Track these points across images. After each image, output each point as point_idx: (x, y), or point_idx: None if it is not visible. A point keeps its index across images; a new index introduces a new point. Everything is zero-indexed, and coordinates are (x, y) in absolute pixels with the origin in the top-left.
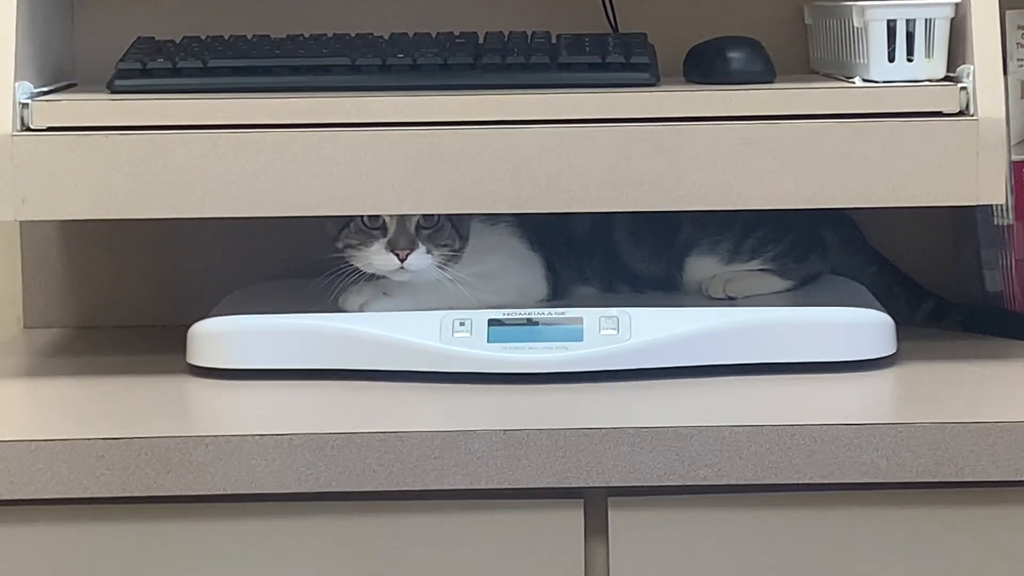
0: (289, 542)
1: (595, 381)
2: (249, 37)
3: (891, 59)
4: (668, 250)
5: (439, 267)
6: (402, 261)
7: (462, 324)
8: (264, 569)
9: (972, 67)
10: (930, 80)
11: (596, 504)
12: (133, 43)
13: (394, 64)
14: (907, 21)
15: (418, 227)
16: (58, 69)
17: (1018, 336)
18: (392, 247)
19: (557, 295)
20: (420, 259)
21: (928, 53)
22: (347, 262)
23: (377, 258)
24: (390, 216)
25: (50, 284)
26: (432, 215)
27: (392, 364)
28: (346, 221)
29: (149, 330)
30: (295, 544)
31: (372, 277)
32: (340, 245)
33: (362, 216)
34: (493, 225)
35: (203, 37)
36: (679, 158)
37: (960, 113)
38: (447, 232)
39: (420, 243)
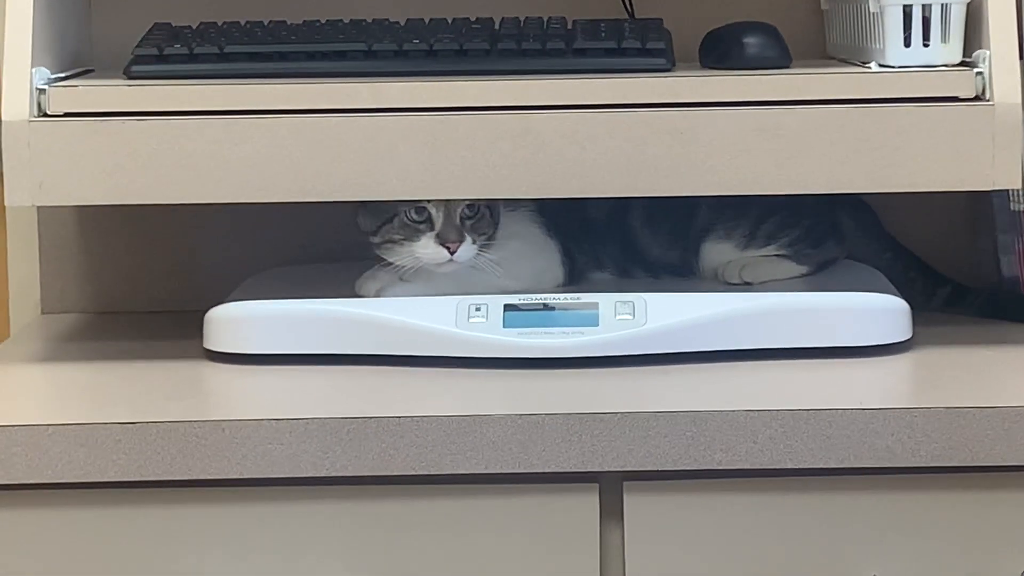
0: (305, 526)
1: (610, 366)
2: (265, 23)
3: (907, 44)
4: (684, 236)
5: (478, 254)
6: (452, 254)
7: (478, 309)
8: (279, 553)
9: (988, 52)
10: (946, 65)
11: (611, 488)
12: (150, 29)
13: (410, 50)
14: (923, 6)
15: (462, 217)
16: (75, 55)
17: None
18: (442, 240)
19: (573, 280)
20: (467, 249)
21: (944, 38)
22: (380, 256)
23: (425, 251)
24: (435, 209)
25: (67, 269)
26: (474, 204)
27: (408, 349)
28: (388, 216)
29: (166, 315)
30: (311, 528)
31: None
32: (377, 240)
33: (407, 211)
34: (512, 211)
35: (219, 23)
36: (695, 143)
37: (976, 98)
38: (487, 220)
39: (466, 234)
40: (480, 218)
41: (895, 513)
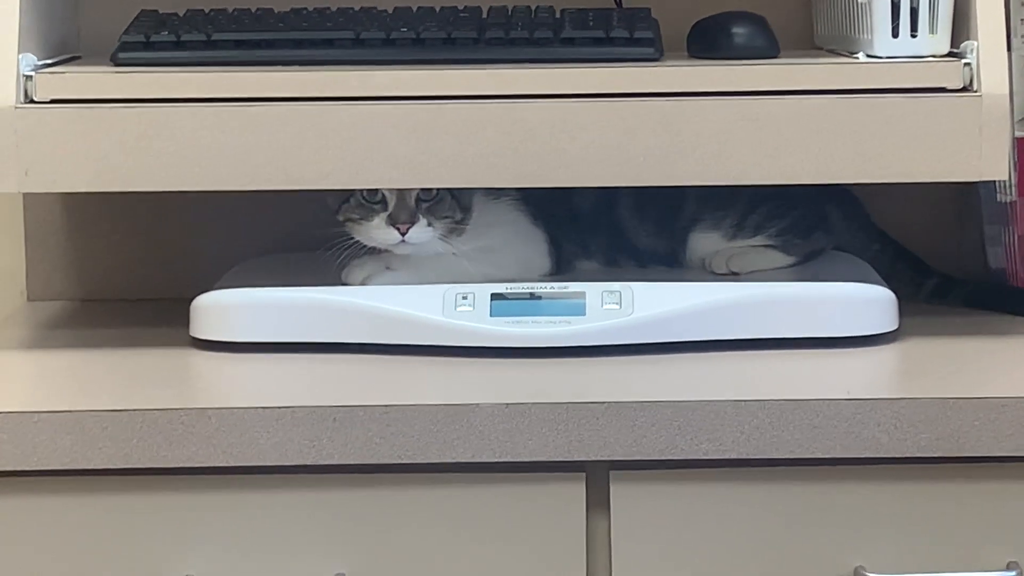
0: (291, 515)
1: (597, 355)
2: (253, 10)
3: (895, 34)
4: (671, 225)
5: (441, 239)
6: (403, 235)
7: (465, 298)
8: (266, 541)
9: (976, 43)
10: (934, 56)
11: (598, 478)
12: (137, 16)
13: (398, 38)
14: None
15: (418, 200)
16: (62, 42)
17: (1021, 312)
18: (393, 221)
19: (560, 269)
20: (421, 232)
21: (932, 29)
22: (348, 235)
23: (378, 232)
24: (389, 190)
25: (53, 257)
26: (432, 187)
27: (395, 338)
28: (346, 195)
29: (152, 303)
30: (297, 517)
31: (375, 250)
32: (341, 219)
33: (362, 190)
34: (496, 199)
35: (207, 10)
36: (683, 133)
37: (964, 89)
38: (447, 204)
39: (420, 216)
40: (438, 201)
41: (881, 503)
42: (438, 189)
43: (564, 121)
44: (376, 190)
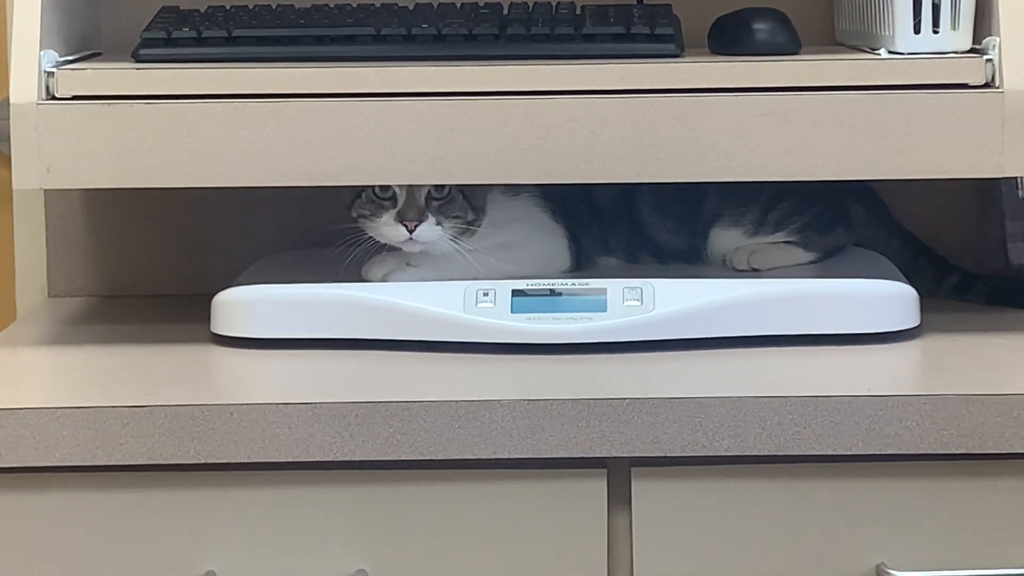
0: (312, 511)
1: (618, 352)
2: (273, 7)
3: (917, 30)
4: (692, 222)
5: (451, 240)
6: (411, 232)
7: (485, 294)
8: (287, 537)
9: (998, 39)
10: (956, 52)
11: (619, 474)
12: (158, 12)
13: (419, 34)
14: None
15: (428, 198)
16: (83, 38)
17: None
18: (401, 218)
19: (580, 266)
20: (429, 230)
21: (954, 25)
22: (361, 231)
23: (387, 228)
24: (400, 187)
25: (74, 253)
26: (443, 186)
27: (415, 334)
28: (358, 191)
29: (173, 299)
30: (319, 513)
31: (388, 247)
32: (354, 214)
33: (373, 186)
34: (514, 196)
35: (228, 7)
36: (703, 129)
37: (986, 85)
38: (459, 204)
39: (430, 214)
40: (449, 201)
41: (903, 500)
42: (450, 188)
43: (585, 117)
44: (387, 186)
